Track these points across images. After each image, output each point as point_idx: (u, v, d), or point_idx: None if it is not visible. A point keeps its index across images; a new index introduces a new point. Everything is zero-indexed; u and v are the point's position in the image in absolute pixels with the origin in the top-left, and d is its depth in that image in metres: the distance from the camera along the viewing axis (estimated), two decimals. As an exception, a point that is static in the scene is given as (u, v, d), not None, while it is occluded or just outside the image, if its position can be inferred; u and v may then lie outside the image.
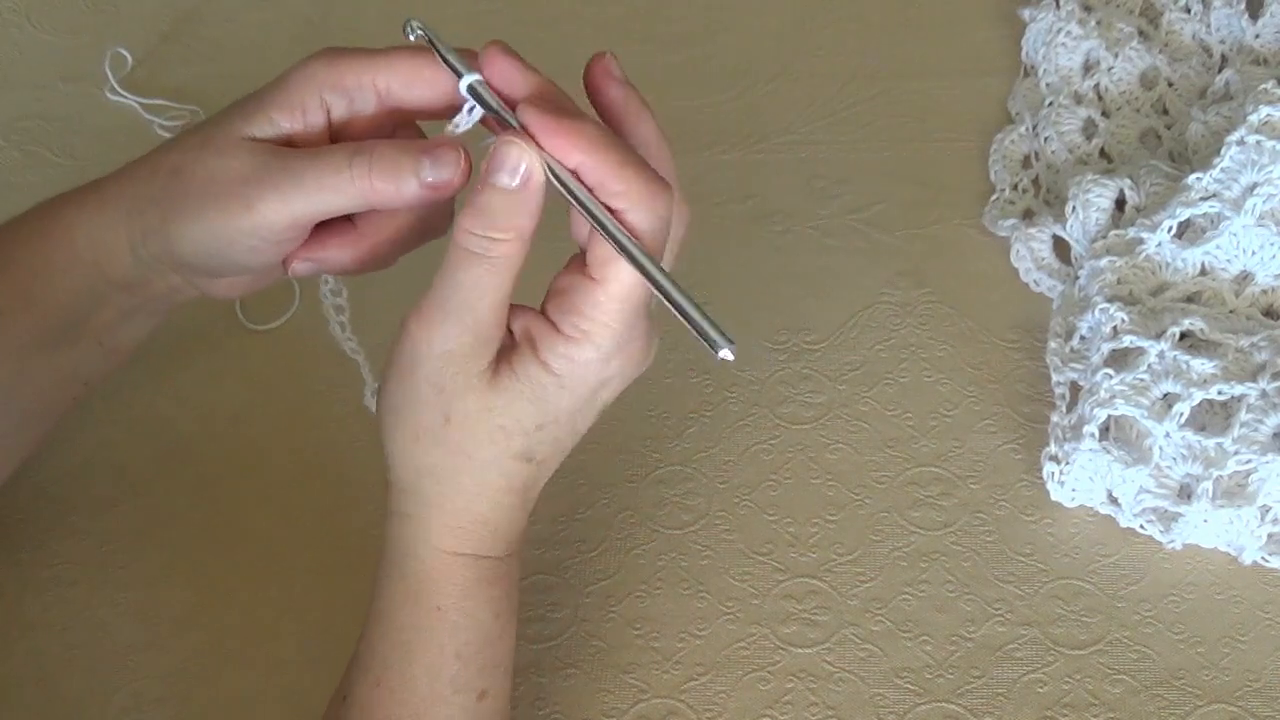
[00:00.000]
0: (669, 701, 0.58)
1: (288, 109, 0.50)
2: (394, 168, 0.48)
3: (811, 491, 0.65)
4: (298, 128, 0.50)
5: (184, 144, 0.51)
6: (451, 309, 0.46)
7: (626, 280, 0.46)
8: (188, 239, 0.51)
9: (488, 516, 0.49)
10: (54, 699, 0.59)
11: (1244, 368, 0.62)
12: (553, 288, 0.48)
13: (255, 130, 0.50)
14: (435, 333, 0.46)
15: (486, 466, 0.48)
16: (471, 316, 0.46)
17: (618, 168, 0.45)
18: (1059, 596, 0.60)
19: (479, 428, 0.47)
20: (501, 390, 0.47)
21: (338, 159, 0.48)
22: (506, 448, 0.48)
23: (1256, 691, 0.57)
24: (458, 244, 0.46)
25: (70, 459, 0.67)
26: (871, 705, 0.57)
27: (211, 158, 0.50)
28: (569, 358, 0.47)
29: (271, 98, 0.50)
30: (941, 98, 0.83)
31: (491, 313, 0.46)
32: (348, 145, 0.49)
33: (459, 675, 0.49)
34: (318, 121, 0.50)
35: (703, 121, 0.82)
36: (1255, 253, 0.67)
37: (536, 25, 0.89)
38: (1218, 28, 0.82)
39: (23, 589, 0.62)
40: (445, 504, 0.49)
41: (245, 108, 0.51)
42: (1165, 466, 0.61)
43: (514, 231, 0.46)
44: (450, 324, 0.46)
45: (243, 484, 0.66)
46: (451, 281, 0.46)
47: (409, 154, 0.48)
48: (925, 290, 0.73)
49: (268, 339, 0.71)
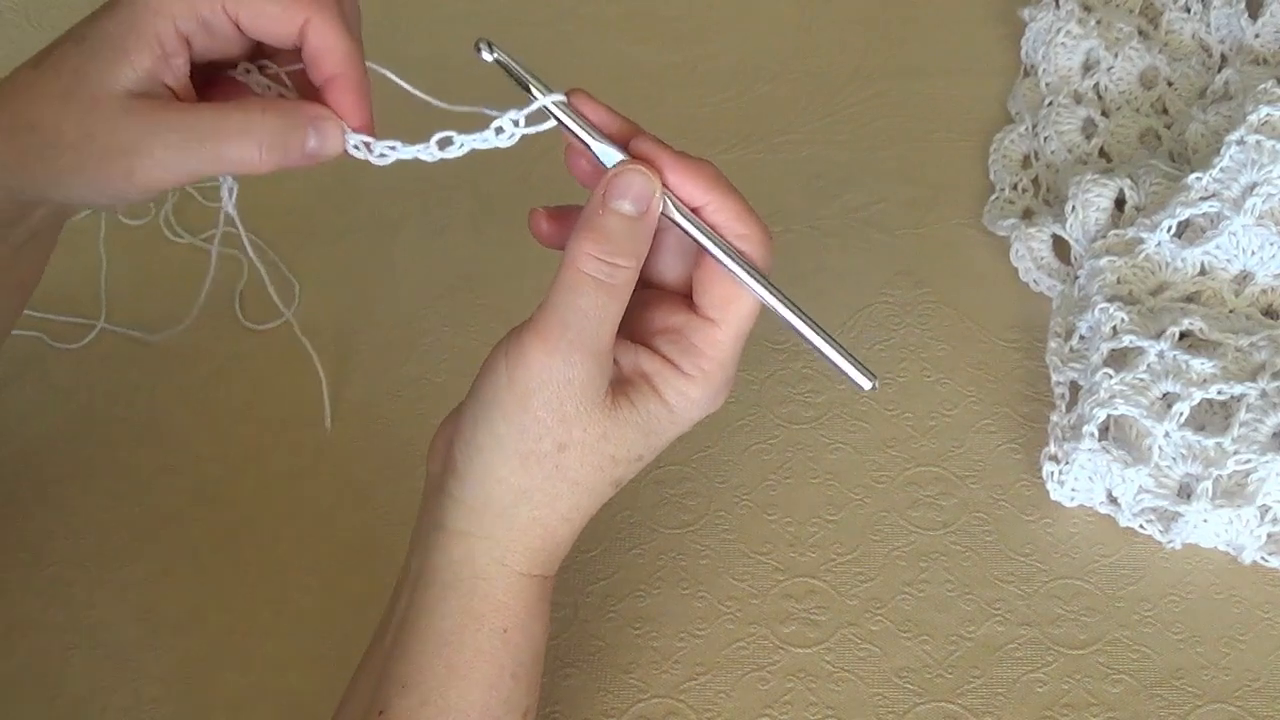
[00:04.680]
0: (668, 701, 0.58)
1: (147, 49, 0.47)
2: (283, 146, 0.48)
3: (811, 491, 0.65)
4: (163, 70, 0.48)
5: (38, 92, 0.48)
6: (573, 336, 0.46)
7: (744, 323, 0.47)
8: (62, 192, 0.49)
9: (564, 538, 0.50)
10: (54, 699, 0.59)
11: (1243, 367, 0.62)
12: (659, 324, 0.49)
13: (124, 81, 0.47)
14: (557, 359, 0.46)
15: (587, 493, 0.49)
16: (593, 344, 0.46)
17: (740, 211, 0.47)
18: (1058, 596, 0.60)
19: (591, 456, 0.48)
20: (620, 421, 0.47)
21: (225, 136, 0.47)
22: (611, 475, 0.48)
23: (1256, 691, 0.57)
24: (579, 268, 0.46)
25: (70, 459, 0.67)
26: (871, 705, 0.57)
27: (80, 116, 0.47)
28: (685, 395, 0.48)
29: (128, 38, 0.47)
30: (941, 98, 0.83)
31: (609, 340, 0.47)
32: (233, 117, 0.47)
33: (513, 694, 0.49)
34: (180, 57, 0.48)
35: (703, 121, 0.82)
36: (1255, 252, 0.67)
37: (536, 25, 0.89)
38: (1217, 27, 0.82)
39: (23, 589, 0.62)
40: (534, 526, 0.49)
41: (101, 52, 0.47)
42: (1165, 466, 0.61)
43: (636, 259, 0.46)
44: (573, 351, 0.46)
45: (243, 484, 0.66)
46: (573, 308, 0.46)
47: (296, 130, 0.48)
48: (925, 290, 0.73)
49: (268, 339, 0.71)
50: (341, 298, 0.74)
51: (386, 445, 0.67)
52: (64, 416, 0.69)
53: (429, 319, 0.73)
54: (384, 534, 0.63)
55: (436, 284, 0.74)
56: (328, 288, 0.74)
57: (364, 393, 0.68)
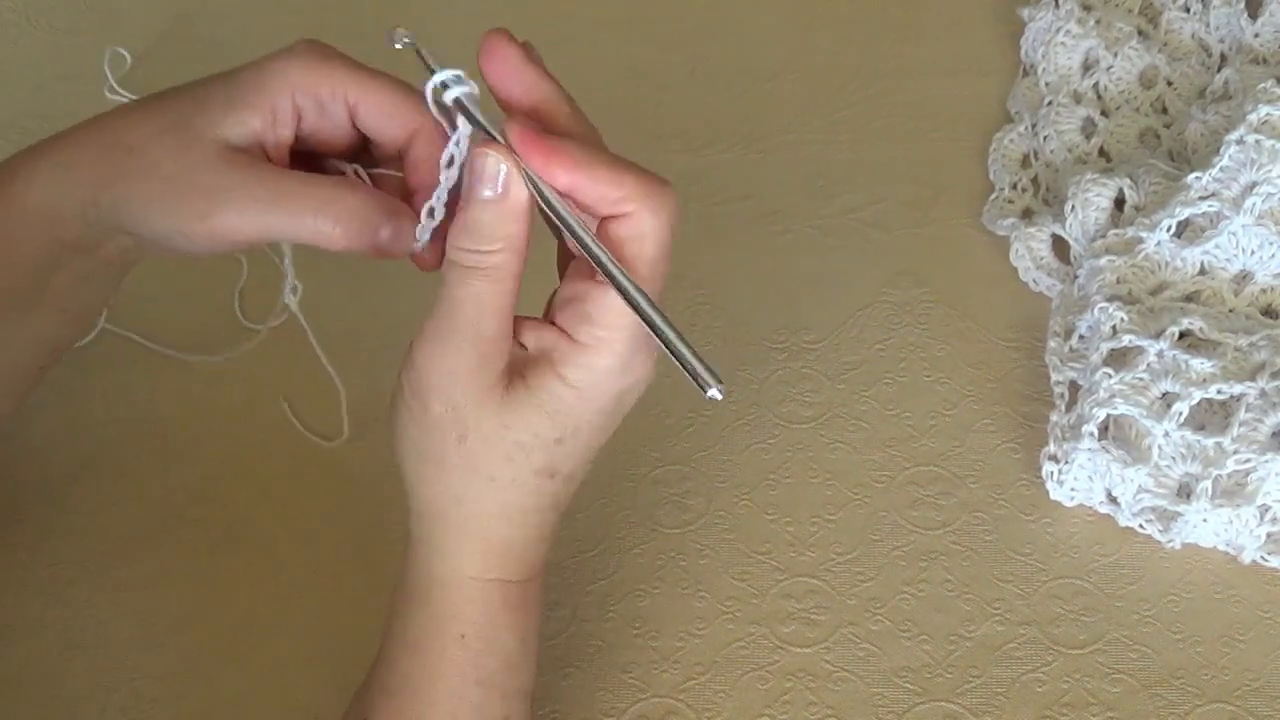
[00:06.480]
0: (668, 701, 0.58)
1: (258, 111, 0.48)
2: (359, 228, 0.48)
3: (811, 491, 0.65)
4: (268, 134, 0.49)
5: (140, 121, 0.50)
6: (452, 326, 0.46)
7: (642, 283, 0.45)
8: (137, 220, 0.50)
9: (512, 539, 0.48)
10: (54, 699, 0.59)
11: (1243, 367, 0.62)
12: (559, 297, 0.47)
13: (228, 133, 0.48)
14: (437, 350, 0.46)
15: (509, 486, 0.47)
16: (473, 331, 0.45)
17: (611, 177, 0.44)
18: (1058, 596, 0.60)
19: (496, 446, 0.46)
20: (516, 405, 0.46)
21: (308, 204, 0.48)
22: (527, 464, 0.47)
23: (1256, 691, 0.57)
24: (451, 261, 0.45)
25: (70, 459, 0.67)
26: (870, 705, 0.57)
27: (177, 151, 0.48)
28: (587, 367, 0.46)
29: (244, 97, 0.49)
30: (941, 97, 0.83)
31: (493, 325, 0.46)
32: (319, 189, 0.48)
33: (484, 703, 0.49)
34: (287, 128, 0.49)
35: (703, 121, 0.82)
36: (1254, 252, 0.67)
37: (535, 25, 0.88)
38: (1217, 27, 0.82)
39: (23, 589, 0.62)
40: (469, 528, 0.48)
41: (214, 102, 0.49)
42: (1164, 466, 0.61)
43: (502, 241, 0.45)
44: (452, 340, 0.46)
45: (243, 484, 0.66)
46: (449, 299, 0.46)
47: (375, 216, 0.48)
48: (925, 289, 0.73)
49: (267, 339, 0.71)
50: (341, 298, 0.74)
51: (386, 447, 0.67)
52: (64, 416, 0.69)
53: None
54: (383, 534, 0.63)
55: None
56: (328, 288, 0.74)
57: (364, 393, 0.68)
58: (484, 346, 0.46)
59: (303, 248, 0.57)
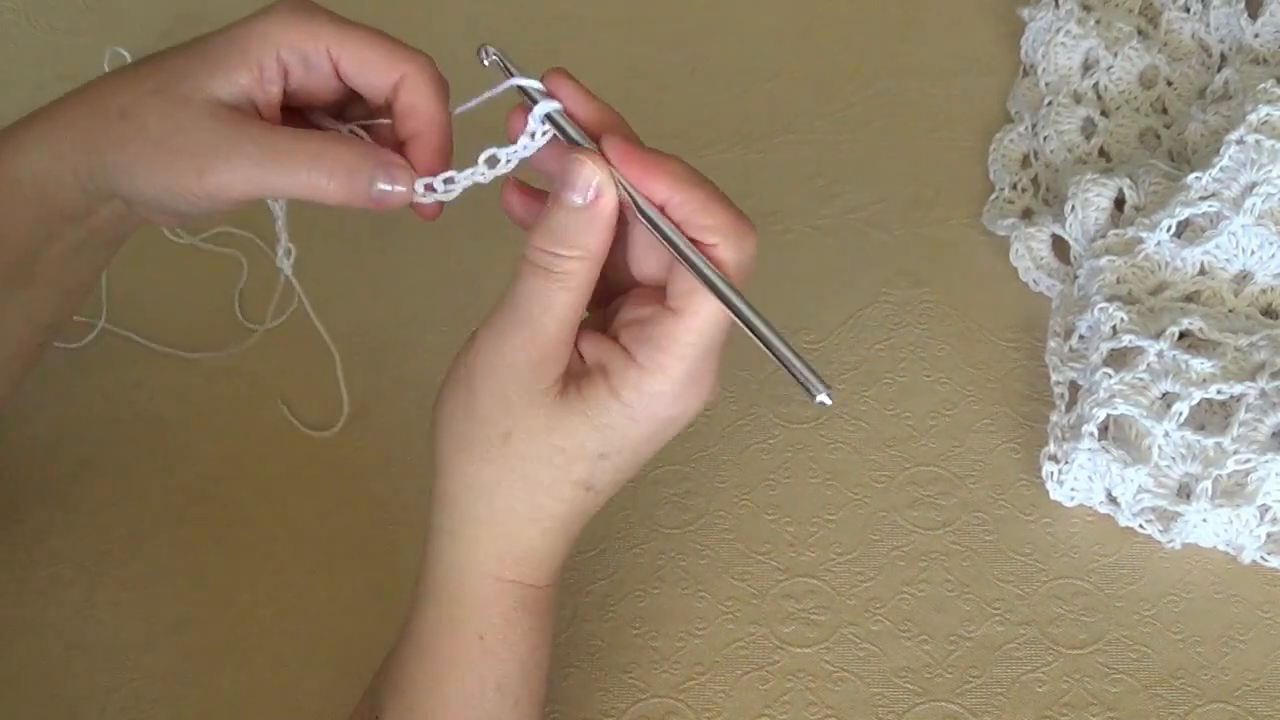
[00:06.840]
0: (668, 701, 0.58)
1: (246, 68, 0.49)
2: (350, 178, 0.48)
3: (811, 491, 0.65)
4: (257, 92, 0.49)
5: (129, 85, 0.50)
6: (517, 320, 0.46)
7: (709, 315, 0.45)
8: (132, 184, 0.50)
9: (536, 543, 0.48)
10: (54, 699, 0.59)
11: (1243, 367, 0.62)
12: (627, 316, 0.48)
13: (218, 91, 0.49)
14: (499, 342, 0.46)
15: (544, 491, 0.47)
16: (537, 330, 0.46)
17: (706, 203, 0.45)
18: (1058, 596, 0.60)
19: (539, 447, 0.47)
20: (566, 412, 0.46)
21: (301, 158, 0.48)
22: (566, 472, 0.47)
23: (1256, 691, 0.57)
24: (526, 258, 0.46)
25: (70, 459, 0.67)
26: (870, 705, 0.57)
27: (169, 110, 0.48)
28: (640, 389, 0.46)
29: (229, 55, 0.49)
30: (941, 97, 0.83)
31: (557, 329, 0.46)
32: (310, 143, 0.49)
33: (499, 710, 0.49)
34: (275, 85, 0.50)
35: (702, 121, 0.82)
36: (1254, 252, 0.67)
37: (536, 25, 0.89)
38: (1217, 27, 0.82)
39: (23, 589, 0.62)
40: (495, 525, 0.48)
41: (202, 61, 0.49)
42: (1164, 466, 0.61)
43: (580, 250, 0.45)
44: (516, 336, 0.46)
45: (242, 483, 0.66)
46: (517, 294, 0.46)
47: (366, 166, 0.48)
48: (924, 289, 0.73)
49: (268, 339, 0.71)
50: (341, 298, 0.74)
51: (386, 445, 0.67)
52: (64, 416, 0.69)
53: (429, 319, 0.73)
54: (384, 534, 0.63)
55: (437, 284, 0.74)
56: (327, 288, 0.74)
57: (364, 392, 0.68)
58: (546, 347, 0.46)
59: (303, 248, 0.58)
